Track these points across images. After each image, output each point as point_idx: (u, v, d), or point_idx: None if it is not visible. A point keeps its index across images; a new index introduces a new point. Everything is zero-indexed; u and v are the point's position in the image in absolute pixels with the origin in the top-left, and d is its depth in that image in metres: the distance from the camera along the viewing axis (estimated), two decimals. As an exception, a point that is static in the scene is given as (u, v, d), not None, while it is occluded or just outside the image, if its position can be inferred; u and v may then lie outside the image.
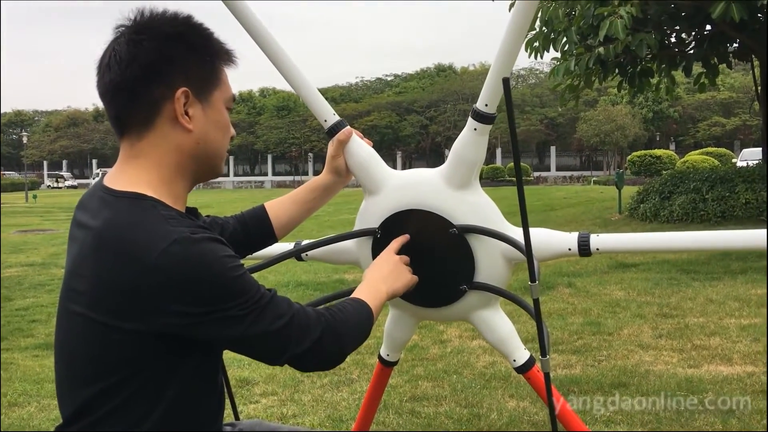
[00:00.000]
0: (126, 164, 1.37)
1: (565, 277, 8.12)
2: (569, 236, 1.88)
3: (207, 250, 1.25)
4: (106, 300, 1.25)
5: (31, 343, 6.08)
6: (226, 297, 1.26)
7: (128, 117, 1.36)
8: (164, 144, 1.36)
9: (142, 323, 1.24)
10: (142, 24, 1.36)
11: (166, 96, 1.34)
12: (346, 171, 1.97)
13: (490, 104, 1.80)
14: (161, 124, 1.35)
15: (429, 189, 1.92)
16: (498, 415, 3.92)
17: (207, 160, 1.43)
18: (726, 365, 4.64)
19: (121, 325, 1.25)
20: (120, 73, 1.32)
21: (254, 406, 4.27)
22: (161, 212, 1.28)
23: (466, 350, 5.28)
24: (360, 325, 1.51)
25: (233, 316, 1.27)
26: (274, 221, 1.86)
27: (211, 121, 1.41)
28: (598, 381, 4.38)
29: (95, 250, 1.27)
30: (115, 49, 1.34)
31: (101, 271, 1.26)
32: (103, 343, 1.27)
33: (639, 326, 5.77)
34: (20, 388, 4.74)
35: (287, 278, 8.83)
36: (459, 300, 1.97)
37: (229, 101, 1.47)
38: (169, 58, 1.34)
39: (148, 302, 1.23)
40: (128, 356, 1.26)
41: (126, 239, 1.25)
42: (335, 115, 1.97)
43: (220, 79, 1.43)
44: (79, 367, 1.31)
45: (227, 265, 1.27)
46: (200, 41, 1.40)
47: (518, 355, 2.02)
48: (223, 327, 1.27)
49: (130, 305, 1.23)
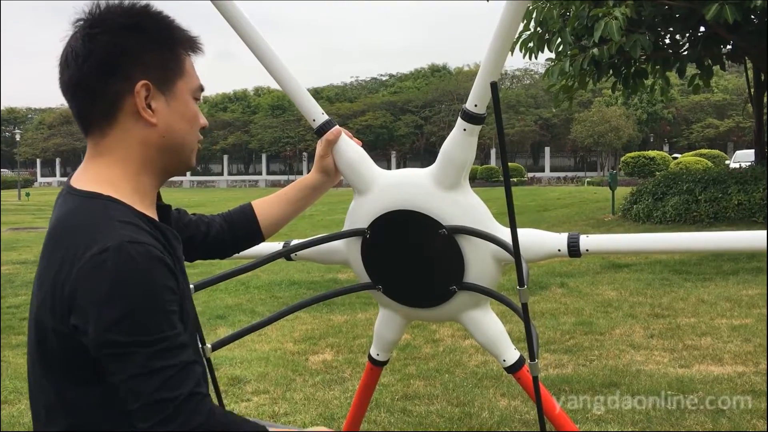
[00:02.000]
0: (90, 162, 1.33)
1: (558, 277, 8.14)
2: (559, 237, 1.88)
3: (140, 267, 1.14)
4: (45, 296, 1.21)
5: (21, 341, 6.06)
6: (136, 328, 1.13)
7: (90, 114, 1.31)
8: (128, 139, 1.31)
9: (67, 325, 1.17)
10: (98, 17, 1.30)
11: (126, 90, 1.28)
12: (334, 171, 1.94)
13: (479, 105, 1.80)
14: (123, 120, 1.30)
15: (418, 189, 1.92)
16: (489, 413, 3.92)
17: (175, 154, 1.37)
18: (717, 365, 4.65)
19: (64, 330, 1.18)
20: (77, 69, 1.28)
21: (246, 404, 4.26)
22: (110, 212, 1.21)
23: (458, 349, 5.29)
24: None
25: (129, 354, 1.13)
26: (262, 220, 1.82)
27: (176, 113, 1.34)
28: (590, 380, 4.39)
29: (44, 249, 1.25)
30: (71, 45, 1.29)
31: (46, 270, 1.22)
32: (59, 346, 1.21)
33: (631, 326, 5.78)
34: (11, 386, 4.72)
35: (280, 277, 8.82)
36: (449, 300, 1.97)
37: (196, 91, 1.40)
38: (126, 50, 1.28)
39: (65, 305, 1.16)
40: (87, 359, 1.18)
41: (67, 236, 1.20)
42: (324, 114, 1.96)
43: (183, 68, 1.36)
44: (42, 371, 1.26)
45: (157, 292, 1.15)
46: (158, 31, 1.33)
47: (508, 356, 2.02)
48: (111, 360, 1.15)
49: (58, 303, 1.18)
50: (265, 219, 1.83)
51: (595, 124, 52.36)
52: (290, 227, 2.24)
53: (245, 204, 1.85)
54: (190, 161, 1.41)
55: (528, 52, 11.54)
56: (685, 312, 6.21)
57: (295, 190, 1.90)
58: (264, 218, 1.83)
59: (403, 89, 74.14)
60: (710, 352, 4.93)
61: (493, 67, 1.74)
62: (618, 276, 8.11)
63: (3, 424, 4.01)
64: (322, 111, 1.96)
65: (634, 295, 7.05)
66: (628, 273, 8.25)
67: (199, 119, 1.41)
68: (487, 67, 1.74)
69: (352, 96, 76.47)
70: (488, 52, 1.72)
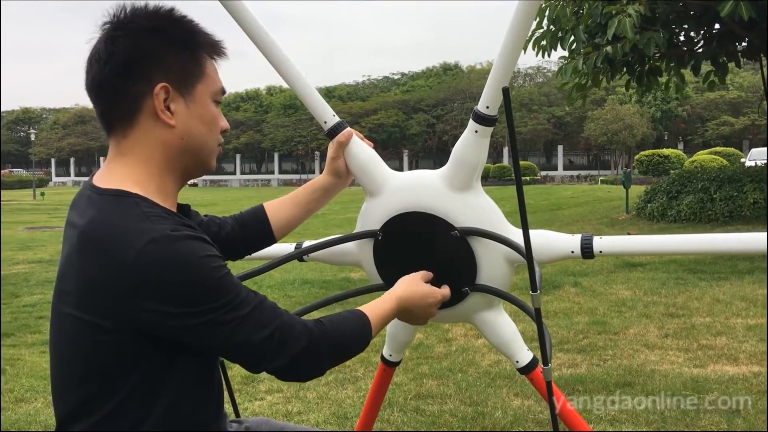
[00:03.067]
0: (113, 162, 1.36)
1: (571, 276, 8.11)
2: (572, 238, 1.87)
3: (186, 249, 1.22)
4: (91, 300, 1.24)
5: (38, 339, 6.11)
6: (205, 299, 1.22)
7: (111, 114, 1.35)
8: (148, 141, 1.34)
9: (124, 323, 1.22)
10: (122, 20, 1.34)
11: (145, 92, 1.31)
12: (346, 172, 1.95)
13: (491, 107, 1.79)
14: (143, 121, 1.33)
15: (430, 191, 1.91)
16: (503, 413, 3.92)
17: (194, 156, 1.39)
18: (732, 365, 4.62)
19: (106, 325, 1.23)
20: (100, 71, 1.32)
21: (259, 403, 4.28)
22: (143, 209, 1.26)
23: (471, 349, 5.28)
24: (349, 343, 1.46)
25: (212, 321, 1.23)
26: (273, 222, 1.84)
27: (195, 115, 1.37)
28: (604, 380, 4.38)
29: (79, 250, 1.26)
30: (96, 48, 1.33)
31: (84, 271, 1.24)
32: (93, 343, 1.25)
33: (645, 326, 5.75)
34: (27, 384, 4.77)
35: (293, 276, 8.84)
36: (461, 302, 1.96)
37: (217, 94, 1.42)
38: (147, 53, 1.31)
39: (126, 302, 1.21)
40: (117, 357, 1.25)
41: (106, 238, 1.23)
42: (335, 116, 1.95)
43: (203, 72, 1.39)
44: (71, 369, 1.30)
45: (208, 265, 1.23)
46: (181, 34, 1.36)
47: (521, 357, 2.02)
48: (201, 332, 1.24)
49: (113, 305, 1.22)
50: (276, 221, 1.84)
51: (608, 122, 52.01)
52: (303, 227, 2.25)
53: (257, 206, 1.86)
54: (210, 163, 1.44)
55: (541, 50, 11.47)
56: (699, 311, 6.16)
57: (306, 192, 1.91)
58: (276, 220, 1.84)
59: (415, 88, 73.98)
60: (725, 352, 4.89)
61: (505, 71, 1.73)
62: (632, 275, 8.06)
63: (20, 422, 4.05)
64: (333, 113, 1.95)
65: (649, 294, 7.01)
66: (643, 272, 8.20)
67: (218, 122, 1.43)
68: (499, 70, 1.73)
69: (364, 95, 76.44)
70: (499, 54, 1.72)
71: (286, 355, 1.32)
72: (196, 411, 1.34)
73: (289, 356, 1.32)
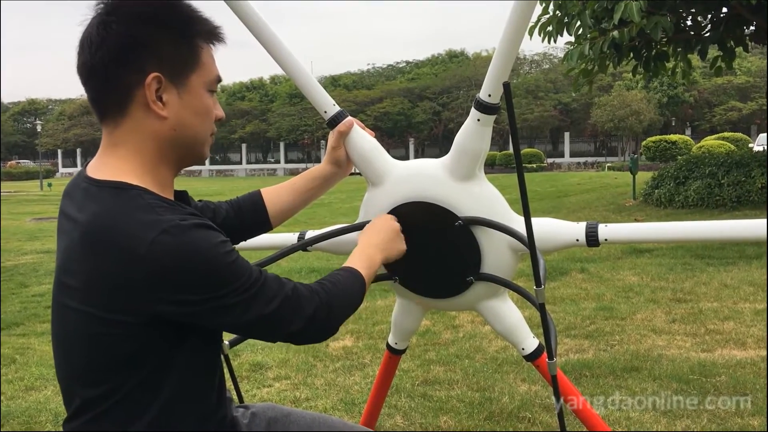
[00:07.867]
0: (107, 153, 1.33)
1: (578, 262, 8.10)
2: (577, 226, 1.86)
3: (198, 238, 1.22)
4: (99, 294, 1.22)
5: (47, 329, 6.15)
6: (220, 284, 1.24)
7: (103, 102, 1.31)
8: (141, 131, 1.30)
9: (136, 315, 1.22)
10: (115, 4, 1.28)
11: (137, 81, 1.27)
12: (346, 162, 1.93)
13: (493, 95, 1.76)
14: (135, 111, 1.29)
15: (432, 181, 1.89)
16: (510, 398, 3.93)
17: (187, 147, 1.36)
18: (740, 349, 4.61)
19: (115, 318, 1.22)
20: (91, 56, 1.27)
21: (267, 390, 4.30)
22: (148, 201, 1.24)
23: (478, 335, 5.29)
24: (352, 297, 1.53)
25: (228, 304, 1.26)
26: (270, 209, 1.82)
27: (188, 106, 1.33)
28: (611, 365, 4.38)
29: (84, 245, 1.23)
30: (88, 31, 1.28)
31: (92, 266, 1.22)
32: (99, 337, 1.24)
33: (652, 311, 5.74)
34: (37, 372, 4.81)
35: (300, 265, 8.87)
36: (466, 291, 1.96)
37: (212, 83, 1.38)
38: (140, 41, 1.26)
39: (141, 294, 1.20)
40: (125, 349, 1.24)
41: (114, 232, 1.20)
42: (335, 105, 1.93)
43: (198, 61, 1.34)
44: (78, 363, 1.29)
45: (219, 251, 1.24)
46: (175, 22, 1.30)
47: (527, 344, 2.01)
48: (218, 314, 1.26)
49: (125, 298, 1.21)
50: (273, 207, 1.83)
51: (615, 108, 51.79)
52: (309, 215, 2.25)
53: (254, 191, 1.84)
54: (203, 154, 1.42)
55: (547, 36, 11.40)
56: (707, 296, 6.15)
57: (305, 180, 1.90)
58: (273, 206, 1.83)
59: (421, 76, 73.76)
60: (733, 337, 4.88)
61: (507, 58, 1.70)
62: (639, 261, 8.05)
63: (30, 410, 4.08)
64: (333, 102, 1.93)
65: (656, 279, 7.00)
66: (650, 258, 8.18)
67: (212, 112, 1.40)
68: (501, 57, 1.70)
69: (370, 83, 76.24)
70: (501, 41, 1.69)
71: (300, 320, 1.36)
72: (197, 401, 1.35)
73: (303, 320, 1.37)
